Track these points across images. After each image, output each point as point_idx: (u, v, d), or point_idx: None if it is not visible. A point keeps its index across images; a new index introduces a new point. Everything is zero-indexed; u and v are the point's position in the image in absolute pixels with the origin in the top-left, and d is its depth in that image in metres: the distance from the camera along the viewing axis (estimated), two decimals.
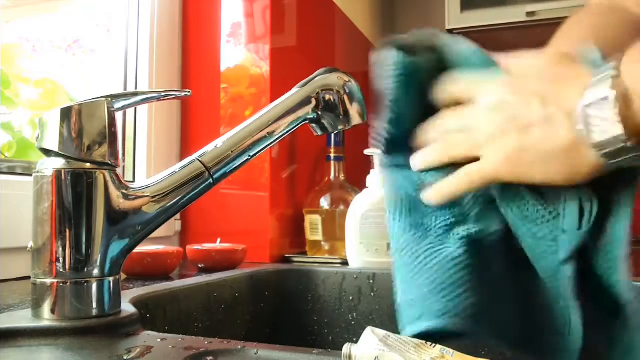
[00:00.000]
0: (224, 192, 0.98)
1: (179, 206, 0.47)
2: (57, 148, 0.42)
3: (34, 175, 0.43)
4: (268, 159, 0.96)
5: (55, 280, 0.41)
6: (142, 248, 0.71)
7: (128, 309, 0.45)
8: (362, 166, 0.92)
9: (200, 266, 0.80)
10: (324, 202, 1.00)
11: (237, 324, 0.72)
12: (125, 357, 0.36)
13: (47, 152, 0.43)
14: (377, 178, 0.85)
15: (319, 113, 0.55)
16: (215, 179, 0.48)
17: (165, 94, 0.49)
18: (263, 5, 0.98)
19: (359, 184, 0.93)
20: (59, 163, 0.42)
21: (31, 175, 0.43)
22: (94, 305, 0.42)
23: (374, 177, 0.86)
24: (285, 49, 1.04)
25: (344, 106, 0.56)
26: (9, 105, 0.82)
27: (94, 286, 0.42)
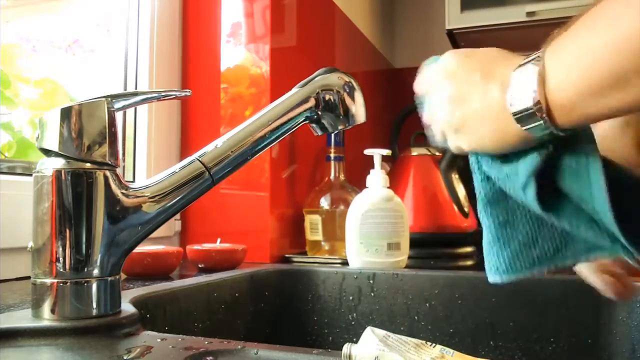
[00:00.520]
0: (224, 192, 0.98)
1: (179, 206, 0.47)
2: (57, 148, 0.42)
3: (34, 175, 0.43)
4: (268, 159, 0.96)
5: (55, 280, 0.41)
6: (142, 248, 0.71)
7: (128, 309, 0.45)
8: (362, 166, 0.92)
9: (200, 266, 0.80)
10: (324, 202, 1.00)
11: (237, 324, 0.72)
12: (125, 357, 0.36)
13: (47, 152, 0.43)
14: (377, 178, 0.85)
15: (319, 113, 0.55)
16: (215, 179, 0.48)
17: (165, 94, 0.49)
18: (263, 5, 0.98)
19: (359, 184, 0.93)
20: (59, 163, 0.42)
21: (31, 175, 0.43)
22: (94, 305, 0.42)
23: (374, 177, 0.86)
24: (285, 49, 1.04)
25: (344, 106, 0.56)
26: (9, 105, 0.82)
27: (94, 286, 0.42)
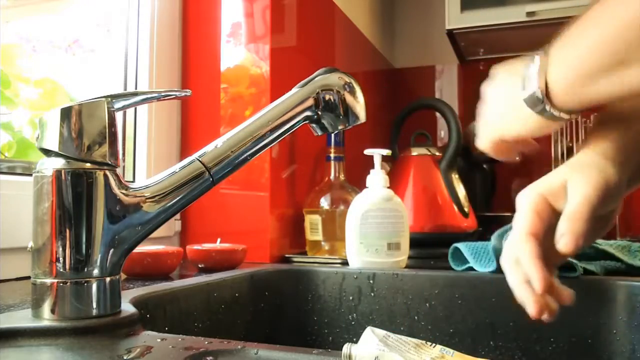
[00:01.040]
0: (224, 192, 0.98)
1: (179, 206, 0.47)
2: (57, 148, 0.42)
3: (34, 175, 0.43)
4: (268, 159, 0.96)
5: (55, 280, 0.41)
6: (142, 248, 0.71)
7: (128, 309, 0.45)
8: (362, 166, 0.91)
9: (200, 266, 0.80)
10: (324, 202, 1.00)
11: (237, 324, 0.72)
12: (125, 357, 0.36)
13: (47, 152, 0.43)
14: (377, 178, 0.85)
15: (319, 113, 0.55)
16: (215, 179, 0.48)
17: (165, 94, 0.49)
18: (263, 5, 0.98)
19: (359, 184, 0.93)
20: (59, 163, 0.42)
21: (31, 175, 0.43)
22: (94, 305, 0.42)
23: (374, 177, 0.85)
24: (285, 49, 1.04)
25: (344, 106, 0.56)
26: (9, 105, 0.82)
27: (94, 286, 0.42)
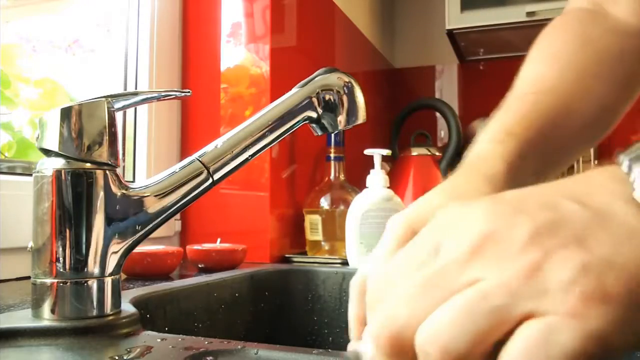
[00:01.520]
0: (224, 192, 0.98)
1: (179, 206, 0.47)
2: (57, 148, 0.42)
3: (34, 175, 0.43)
4: (268, 159, 0.96)
5: (55, 280, 0.41)
6: (142, 248, 0.71)
7: (128, 309, 0.45)
8: (362, 166, 0.92)
9: (200, 266, 0.80)
10: (324, 202, 1.00)
11: (237, 324, 0.72)
12: (125, 357, 0.36)
13: (47, 152, 0.43)
14: (377, 178, 0.85)
15: (319, 113, 0.55)
16: (215, 179, 0.48)
17: (165, 94, 0.49)
18: (263, 5, 0.98)
19: (359, 184, 0.93)
20: (59, 163, 0.42)
21: (31, 175, 0.43)
22: (94, 305, 0.42)
23: (374, 177, 0.85)
24: (285, 49, 1.04)
25: (344, 106, 0.56)
26: (9, 105, 0.82)
27: (94, 286, 0.42)
